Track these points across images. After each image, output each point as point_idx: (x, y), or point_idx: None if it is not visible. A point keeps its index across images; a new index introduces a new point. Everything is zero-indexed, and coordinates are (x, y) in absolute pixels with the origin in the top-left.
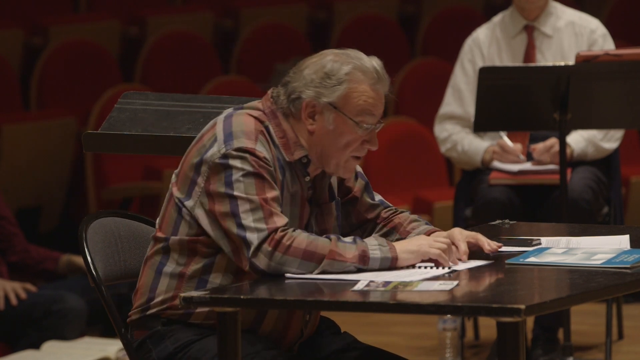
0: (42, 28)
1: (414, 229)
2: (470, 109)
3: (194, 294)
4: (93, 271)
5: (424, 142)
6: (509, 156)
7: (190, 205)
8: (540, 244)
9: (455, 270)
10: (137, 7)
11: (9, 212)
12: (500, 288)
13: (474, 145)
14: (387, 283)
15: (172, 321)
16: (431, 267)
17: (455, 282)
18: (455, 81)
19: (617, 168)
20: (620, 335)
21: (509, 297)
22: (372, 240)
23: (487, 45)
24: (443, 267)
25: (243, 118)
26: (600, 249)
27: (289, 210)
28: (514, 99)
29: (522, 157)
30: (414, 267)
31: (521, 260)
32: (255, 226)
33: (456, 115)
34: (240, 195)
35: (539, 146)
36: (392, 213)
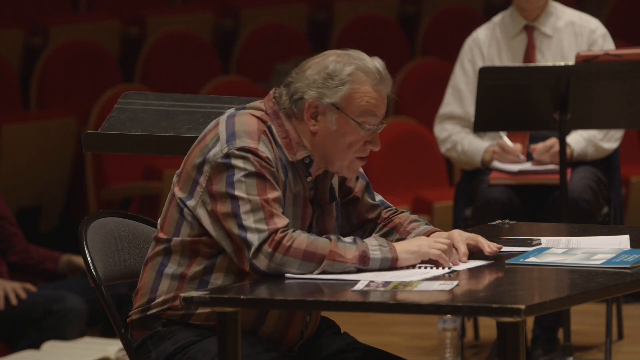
0: (42, 28)
1: (414, 229)
2: (470, 109)
3: (194, 294)
4: (93, 271)
5: (424, 142)
6: (509, 156)
7: (192, 205)
8: (540, 244)
9: (455, 270)
10: (137, 7)
11: (9, 212)
12: (500, 288)
13: (474, 145)
14: (387, 283)
15: (173, 322)
16: (431, 268)
17: (455, 282)
18: (455, 81)
19: (617, 168)
20: (620, 335)
21: (509, 297)
22: (372, 241)
23: (487, 45)
24: (443, 268)
25: (246, 118)
26: (600, 249)
27: (291, 211)
28: (514, 99)
29: (522, 157)
30: (414, 267)
31: (521, 260)
32: (256, 227)
33: (456, 115)
34: (242, 195)
35: (539, 146)
36: (393, 213)
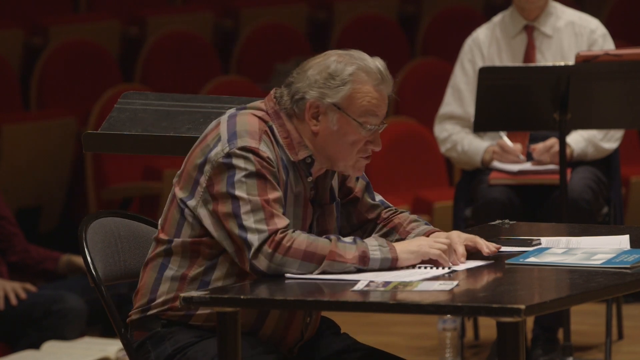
0: (42, 28)
1: (414, 229)
2: (470, 109)
3: (194, 294)
4: (93, 271)
5: (424, 142)
6: (508, 156)
7: (192, 205)
8: (540, 244)
9: (455, 270)
10: (137, 7)
11: (9, 212)
12: (500, 288)
13: (474, 145)
14: (387, 283)
15: (173, 322)
16: (431, 268)
17: (455, 282)
18: (455, 81)
19: (617, 168)
20: (620, 335)
21: (509, 297)
22: (372, 241)
23: (487, 45)
24: (443, 268)
25: (247, 118)
26: (600, 249)
27: (292, 211)
28: (514, 99)
29: (522, 157)
30: (414, 267)
31: (521, 260)
32: (256, 227)
33: (456, 115)
34: (242, 196)
35: (539, 146)
36: (392, 213)
